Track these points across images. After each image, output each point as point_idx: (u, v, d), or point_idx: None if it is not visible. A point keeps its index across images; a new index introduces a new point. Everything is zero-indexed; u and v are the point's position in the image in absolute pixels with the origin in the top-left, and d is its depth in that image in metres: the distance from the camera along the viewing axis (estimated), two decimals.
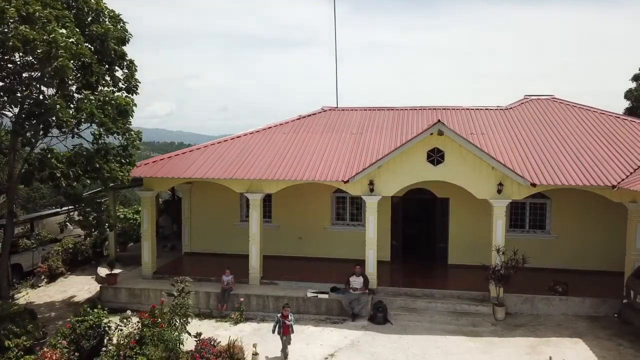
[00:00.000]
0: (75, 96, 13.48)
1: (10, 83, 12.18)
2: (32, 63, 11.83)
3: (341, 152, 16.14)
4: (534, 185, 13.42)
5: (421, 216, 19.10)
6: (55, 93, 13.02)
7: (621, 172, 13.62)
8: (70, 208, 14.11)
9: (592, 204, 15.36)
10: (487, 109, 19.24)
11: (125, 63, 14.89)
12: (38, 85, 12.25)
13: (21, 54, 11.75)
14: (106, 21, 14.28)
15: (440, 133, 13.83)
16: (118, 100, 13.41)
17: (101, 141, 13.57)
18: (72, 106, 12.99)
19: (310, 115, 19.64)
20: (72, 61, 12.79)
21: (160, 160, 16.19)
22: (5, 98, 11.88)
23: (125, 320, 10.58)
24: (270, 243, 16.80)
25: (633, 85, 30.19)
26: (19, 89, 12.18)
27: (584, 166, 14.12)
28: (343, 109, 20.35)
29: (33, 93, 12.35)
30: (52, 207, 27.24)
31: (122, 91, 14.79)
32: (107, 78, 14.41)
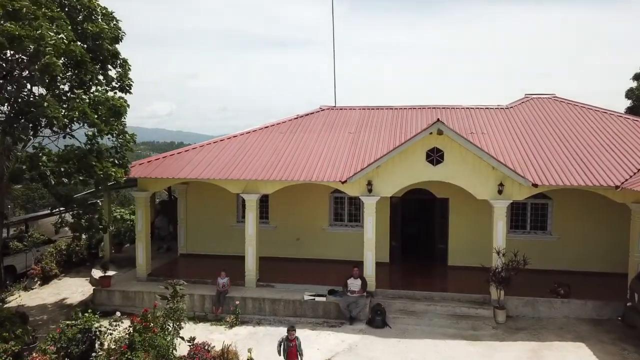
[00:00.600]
0: (68, 95, 13.28)
1: None
2: (21, 60, 11.55)
3: (339, 152, 15.87)
4: (536, 185, 13.13)
5: (420, 216, 18.85)
6: (47, 92, 12.78)
7: (624, 172, 13.33)
8: (62, 210, 13.76)
9: (595, 205, 15.09)
10: (488, 108, 18.96)
11: (118, 62, 14.67)
12: (27, 83, 11.98)
13: (12, 52, 11.49)
14: (99, 19, 14.06)
15: (439, 132, 13.55)
16: (111, 100, 13.13)
17: (94, 141, 13.35)
18: (65, 105, 12.75)
19: (308, 114, 19.36)
20: (63, 59, 12.57)
21: (154, 160, 15.90)
22: None
23: (114, 323, 10.28)
24: (267, 244, 16.53)
25: (634, 84, 29.91)
26: (8, 87, 11.90)
27: (587, 166, 13.83)
28: (341, 108, 20.05)
29: (23, 91, 12.07)
30: (50, 208, 26.90)
31: (116, 90, 14.61)
32: (100, 77, 14.24)
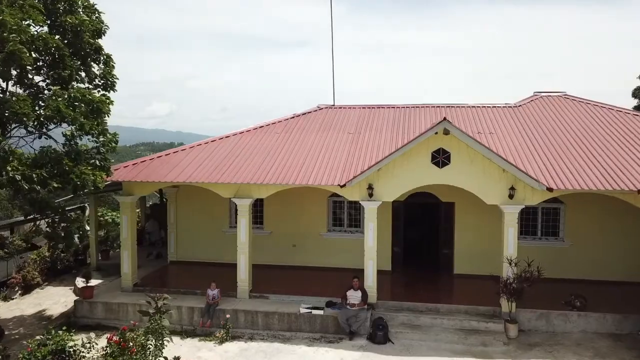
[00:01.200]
0: (44, 92, 12.34)
1: None
2: None
3: (337, 154, 14.87)
4: (551, 190, 12.09)
5: (424, 221, 17.88)
6: (20, 87, 11.84)
7: None
8: (36, 217, 12.73)
9: (610, 209, 14.10)
10: (495, 107, 17.93)
11: (102, 58, 13.73)
12: None
13: None
14: (80, 11, 13.12)
15: (446, 132, 12.56)
16: (90, 97, 12.14)
17: (73, 142, 12.35)
18: (42, 103, 11.80)
19: (304, 113, 18.36)
20: (37, 53, 11.61)
21: (141, 162, 14.89)
22: None
23: (88, 345, 9.29)
24: (261, 251, 15.57)
25: None
26: None
27: (604, 169, 12.81)
28: (340, 107, 19.03)
29: None
30: (24, 215, 25.77)
31: (99, 88, 13.68)
32: (82, 74, 13.31)
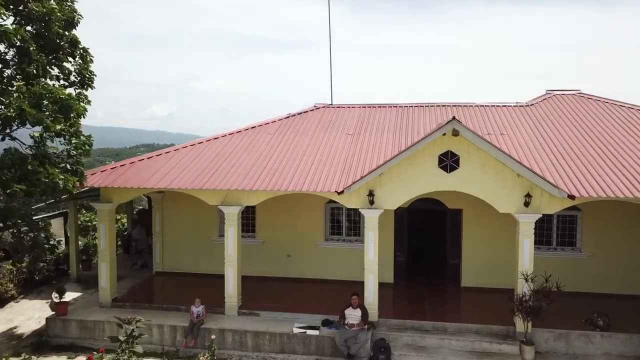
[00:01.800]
0: (7, 89, 11.11)
1: None
2: None
3: (335, 157, 13.62)
4: (573, 197, 10.81)
5: (429, 229, 16.68)
6: None
7: None
8: None
9: (633, 216, 12.91)
10: (505, 106, 16.68)
11: (78, 52, 12.52)
12: None
13: None
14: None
15: (455, 133, 11.31)
16: (58, 94, 10.93)
17: (41, 145, 11.14)
18: (3, 99, 10.59)
19: (300, 113, 17.12)
20: None
21: (120, 166, 13.63)
22: None
23: None
24: (253, 262, 14.38)
25: None
26: None
27: (631, 173, 11.55)
28: (338, 106, 17.78)
29: None
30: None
31: (75, 86, 12.48)
32: (55, 69, 12.10)
